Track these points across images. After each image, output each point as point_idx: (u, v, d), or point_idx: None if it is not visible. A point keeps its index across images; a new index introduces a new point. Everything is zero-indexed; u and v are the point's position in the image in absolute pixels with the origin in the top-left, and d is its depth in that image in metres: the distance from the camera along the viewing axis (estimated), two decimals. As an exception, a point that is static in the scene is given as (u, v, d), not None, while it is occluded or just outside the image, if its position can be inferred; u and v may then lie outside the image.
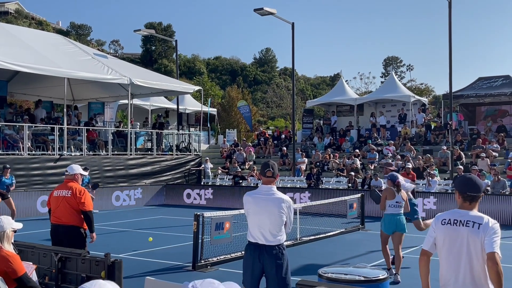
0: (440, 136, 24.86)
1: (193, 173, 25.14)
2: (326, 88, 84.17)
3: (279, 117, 67.45)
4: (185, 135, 27.02)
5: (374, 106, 30.04)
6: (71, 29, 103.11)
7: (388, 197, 8.97)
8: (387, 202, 8.98)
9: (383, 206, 9.03)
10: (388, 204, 8.97)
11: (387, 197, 8.98)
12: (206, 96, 44.46)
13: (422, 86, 70.75)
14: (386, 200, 8.98)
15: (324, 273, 5.22)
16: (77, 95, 26.23)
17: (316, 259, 10.60)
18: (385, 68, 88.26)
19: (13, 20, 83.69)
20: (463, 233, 3.95)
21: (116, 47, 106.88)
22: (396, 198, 8.99)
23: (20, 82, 23.31)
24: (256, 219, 5.64)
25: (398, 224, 8.94)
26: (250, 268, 5.66)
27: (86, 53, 23.56)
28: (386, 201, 8.99)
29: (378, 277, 5.12)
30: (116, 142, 23.02)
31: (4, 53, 18.59)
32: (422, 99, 31.60)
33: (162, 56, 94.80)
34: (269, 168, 5.64)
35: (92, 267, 5.66)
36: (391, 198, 8.95)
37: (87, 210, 7.42)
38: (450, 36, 20.37)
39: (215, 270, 9.57)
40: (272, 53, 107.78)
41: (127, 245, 12.25)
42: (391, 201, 8.96)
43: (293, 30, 23.24)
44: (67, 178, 7.63)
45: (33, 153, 19.03)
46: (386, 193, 9.02)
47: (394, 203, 8.97)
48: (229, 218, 10.26)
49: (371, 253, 11.41)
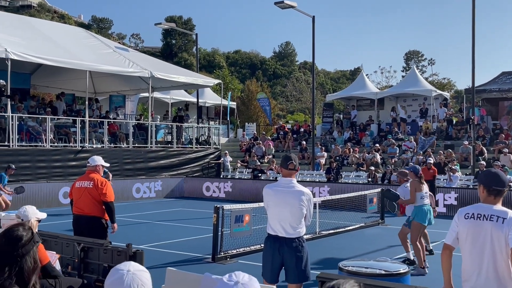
0: (462, 131, 24.56)
1: (212, 166, 25.23)
2: (346, 82, 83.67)
3: (299, 111, 67.24)
4: (205, 129, 27.11)
5: (395, 100, 29.78)
6: (92, 22, 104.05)
7: (417, 189, 8.91)
8: (418, 194, 8.90)
9: (414, 199, 8.94)
10: (419, 196, 8.90)
11: (416, 189, 8.91)
12: (225, 90, 44.50)
13: (444, 80, 69.95)
14: (416, 192, 8.91)
15: (344, 266, 5.21)
16: (99, 88, 26.48)
17: (335, 253, 10.58)
18: (406, 62, 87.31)
19: (36, 14, 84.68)
20: (486, 228, 3.90)
21: (137, 41, 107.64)
22: (424, 189, 8.97)
23: (43, 75, 23.62)
24: (276, 211, 5.64)
25: (430, 216, 8.95)
26: (269, 260, 5.67)
27: (107, 46, 23.77)
28: (416, 193, 8.90)
29: (399, 271, 5.09)
30: (137, 135, 23.20)
31: (28, 46, 18.84)
32: (443, 94, 31.22)
33: (182, 49, 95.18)
34: (291, 161, 5.64)
35: (114, 257, 5.73)
36: (420, 189, 8.90)
37: (108, 201, 7.50)
38: (473, 29, 20.06)
39: (234, 263, 9.61)
40: (292, 47, 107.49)
41: (147, 236, 12.36)
42: (421, 192, 8.91)
43: (313, 23, 23.10)
44: (89, 170, 7.71)
45: (55, 145, 19.27)
46: (415, 186, 8.94)
47: (424, 193, 8.94)
48: (248, 211, 10.28)
49: (391, 247, 11.34)
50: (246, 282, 2.14)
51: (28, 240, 2.79)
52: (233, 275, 2.17)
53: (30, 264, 2.74)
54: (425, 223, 8.98)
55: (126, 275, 2.21)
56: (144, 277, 2.26)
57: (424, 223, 8.98)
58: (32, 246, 2.79)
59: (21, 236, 2.78)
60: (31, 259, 2.76)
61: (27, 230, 2.84)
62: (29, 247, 2.77)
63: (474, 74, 20.51)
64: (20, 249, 2.73)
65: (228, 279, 2.16)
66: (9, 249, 2.72)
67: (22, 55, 17.90)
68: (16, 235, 2.78)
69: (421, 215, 8.93)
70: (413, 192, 8.96)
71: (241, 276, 2.17)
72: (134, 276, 2.22)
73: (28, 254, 2.75)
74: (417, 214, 8.97)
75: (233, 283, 2.12)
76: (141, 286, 2.21)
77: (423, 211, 8.91)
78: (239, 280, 2.14)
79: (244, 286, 2.12)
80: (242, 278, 2.15)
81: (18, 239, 2.76)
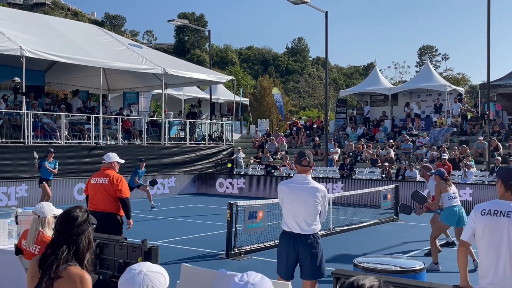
0: (477, 127, 24.33)
1: (226, 163, 25.26)
2: (359, 77, 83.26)
3: (311, 107, 67.04)
4: (218, 125, 27.14)
5: (408, 95, 29.57)
6: (105, 19, 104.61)
7: (442, 191, 8.84)
8: (445, 195, 8.83)
9: (438, 202, 8.91)
10: (446, 196, 8.82)
11: (441, 191, 8.85)
12: (238, 86, 44.52)
13: (458, 75, 69.33)
14: (441, 193, 8.85)
15: (359, 262, 5.19)
16: (112, 85, 26.61)
17: (350, 249, 10.55)
18: (420, 58, 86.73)
19: (49, 11, 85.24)
20: (503, 224, 3.86)
21: (150, 38, 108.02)
22: (452, 190, 8.90)
23: (57, 72, 23.78)
24: (290, 208, 5.63)
25: (461, 215, 8.83)
26: (284, 256, 5.66)
27: (121, 43, 23.87)
28: (441, 194, 8.85)
29: (414, 267, 5.06)
30: (150, 132, 23.29)
31: (42, 43, 18.98)
32: (458, 89, 30.94)
33: (195, 46, 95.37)
34: (305, 157, 5.61)
35: (129, 253, 5.75)
36: (446, 190, 8.83)
37: (124, 197, 7.54)
38: (489, 23, 19.83)
39: (248, 259, 9.62)
40: (305, 43, 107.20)
41: (162, 232, 12.42)
42: (448, 193, 8.83)
43: (326, 19, 23.00)
44: (104, 166, 7.75)
45: (69, 142, 19.41)
46: (440, 187, 8.88)
47: (451, 194, 8.86)
48: (262, 207, 10.28)
49: (406, 244, 11.30)
50: (256, 282, 2.15)
51: (84, 220, 2.99)
52: (244, 275, 2.18)
53: (85, 243, 2.96)
54: (452, 225, 8.93)
55: (138, 275, 2.25)
56: (157, 278, 2.27)
57: (450, 224, 8.95)
58: (87, 226, 3.00)
59: (77, 216, 2.99)
60: (86, 238, 2.98)
61: (83, 211, 3.05)
62: (84, 227, 2.98)
63: (489, 69, 20.29)
64: (76, 228, 2.94)
65: (239, 279, 2.17)
66: (66, 228, 2.94)
67: (37, 53, 18.04)
68: (73, 215, 2.99)
69: (449, 216, 8.86)
70: (438, 194, 8.88)
71: (252, 276, 2.18)
72: (146, 277, 2.25)
73: (83, 234, 2.96)
74: (446, 215, 8.91)
75: (243, 283, 2.14)
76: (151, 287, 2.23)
77: (452, 212, 8.84)
78: (250, 280, 2.15)
79: (254, 286, 2.13)
80: (253, 279, 2.16)
81: (74, 219, 2.97)
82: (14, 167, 17.21)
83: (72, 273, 2.79)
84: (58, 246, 2.89)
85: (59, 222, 3.01)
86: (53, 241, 2.97)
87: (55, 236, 2.99)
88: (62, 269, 2.80)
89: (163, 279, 2.29)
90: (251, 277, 2.16)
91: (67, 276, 2.77)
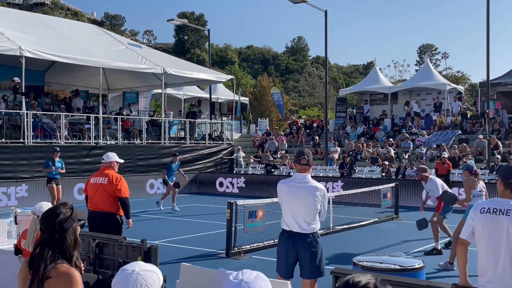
0: (477, 125, 24.32)
1: (226, 162, 25.27)
2: (359, 76, 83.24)
3: (311, 106, 67.02)
4: (218, 124, 27.14)
5: (408, 94, 29.56)
6: (105, 19, 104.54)
7: (472, 187, 8.75)
8: (472, 192, 8.75)
9: (469, 197, 8.77)
10: (473, 193, 8.74)
11: (470, 187, 8.75)
12: (237, 86, 44.53)
13: (458, 74, 69.30)
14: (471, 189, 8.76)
15: (358, 261, 5.19)
16: (112, 85, 26.60)
17: (349, 248, 10.55)
18: (420, 56, 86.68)
19: (49, 11, 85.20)
20: (502, 222, 3.85)
21: (149, 37, 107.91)
22: (479, 187, 8.83)
23: (57, 72, 23.77)
24: (290, 207, 5.63)
25: None
26: (284, 255, 5.66)
27: (120, 43, 23.87)
28: (471, 191, 8.75)
29: (414, 266, 5.06)
30: (150, 131, 23.29)
31: (41, 43, 18.98)
32: (458, 87, 30.93)
33: (194, 45, 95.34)
34: (304, 156, 5.61)
35: (128, 253, 5.76)
36: (474, 187, 8.75)
37: (123, 196, 7.54)
38: (488, 21, 19.82)
39: (248, 258, 9.62)
40: (304, 42, 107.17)
41: (162, 232, 12.42)
42: (475, 190, 8.75)
43: (326, 18, 23.00)
44: (103, 166, 7.75)
45: (69, 142, 19.42)
46: (469, 183, 8.78)
47: (478, 192, 8.77)
48: (262, 206, 10.28)
49: (406, 242, 11.30)
50: (251, 280, 2.13)
51: (67, 217, 2.91)
52: (239, 273, 2.16)
53: (70, 240, 2.88)
54: None
55: (131, 275, 2.24)
56: (150, 277, 2.26)
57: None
58: (70, 223, 2.91)
59: (59, 213, 2.91)
60: (71, 236, 2.89)
61: (67, 208, 2.97)
62: (67, 224, 2.89)
63: (489, 67, 20.27)
64: (58, 225, 2.87)
65: (234, 277, 2.15)
66: (49, 226, 2.87)
67: (36, 53, 18.04)
68: (55, 213, 2.92)
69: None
70: (468, 190, 8.78)
71: (247, 274, 2.16)
72: (139, 276, 2.24)
73: (67, 231, 2.88)
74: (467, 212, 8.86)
75: (237, 281, 2.12)
76: (145, 286, 2.22)
77: None
78: (244, 278, 2.13)
79: (248, 284, 2.11)
80: (248, 277, 2.14)
81: (56, 216, 2.90)
82: (14, 167, 17.22)
83: (60, 271, 2.76)
84: (44, 245, 2.85)
85: (42, 220, 2.94)
86: (40, 240, 2.91)
87: (41, 235, 2.93)
88: (50, 268, 2.76)
89: (156, 277, 2.28)
90: (245, 275, 2.14)
91: (55, 275, 2.74)
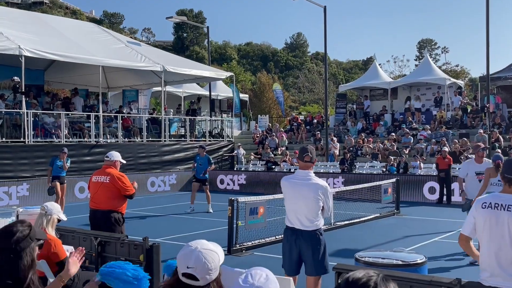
0: (477, 120, 24.31)
1: (226, 159, 25.27)
2: (359, 72, 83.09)
3: (311, 102, 66.98)
4: (218, 121, 27.13)
5: (408, 89, 29.54)
6: (104, 17, 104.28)
7: (492, 175, 8.65)
8: (490, 180, 8.63)
9: (486, 185, 8.64)
10: (491, 182, 8.63)
11: (490, 175, 8.65)
12: (236, 83, 44.49)
13: (457, 68, 69.21)
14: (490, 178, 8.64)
15: (361, 257, 5.18)
16: (112, 83, 26.59)
17: (351, 244, 10.55)
18: (420, 51, 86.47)
19: (48, 10, 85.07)
20: (504, 217, 3.86)
21: (148, 35, 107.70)
22: (499, 176, 8.75)
23: (56, 71, 23.77)
24: (292, 204, 5.64)
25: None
26: (288, 252, 5.68)
27: (119, 41, 23.85)
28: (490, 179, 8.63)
29: (416, 261, 5.06)
30: (150, 129, 23.29)
31: (41, 42, 18.96)
32: (458, 82, 30.90)
33: (193, 43, 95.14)
34: (307, 153, 5.60)
35: (130, 251, 5.77)
36: (494, 175, 8.62)
37: (132, 193, 7.58)
38: (488, 15, 19.77)
39: (250, 255, 9.63)
40: (304, 38, 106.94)
41: (163, 229, 12.43)
42: (494, 179, 8.62)
43: (325, 13, 22.97)
44: (106, 164, 7.73)
45: (70, 140, 19.41)
46: (490, 171, 8.68)
47: (497, 181, 8.65)
48: (263, 203, 10.29)
49: (407, 237, 11.30)
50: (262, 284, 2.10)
51: (24, 236, 2.69)
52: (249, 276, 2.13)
53: (26, 262, 2.66)
54: None
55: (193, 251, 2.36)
56: (210, 256, 2.37)
57: None
58: (28, 243, 2.69)
59: (16, 231, 2.69)
60: (27, 256, 2.67)
61: (24, 226, 2.74)
62: (25, 244, 2.68)
63: (489, 61, 20.23)
64: (14, 245, 2.65)
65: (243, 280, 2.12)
66: (4, 244, 2.65)
67: (36, 52, 18.02)
68: (11, 231, 2.69)
69: None
70: (488, 177, 8.66)
71: (257, 277, 2.12)
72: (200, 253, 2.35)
73: (23, 251, 2.66)
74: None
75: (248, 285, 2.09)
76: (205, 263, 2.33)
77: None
78: (255, 282, 2.10)
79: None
80: (258, 280, 2.11)
81: (11, 234, 2.67)
82: (15, 166, 17.23)
83: None
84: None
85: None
86: None
87: None
88: None
89: (217, 256, 2.39)
90: (256, 278, 2.10)
91: None
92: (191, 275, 2.34)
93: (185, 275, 2.35)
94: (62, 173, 14.92)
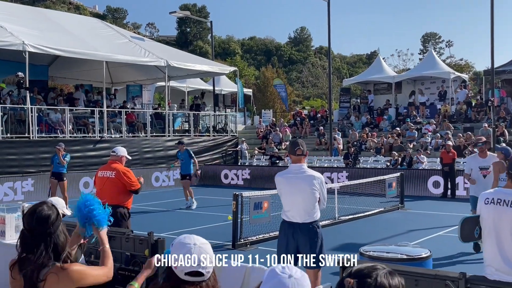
0: (481, 113, 24.24)
1: (230, 154, 25.29)
2: (363, 66, 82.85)
3: (315, 96, 66.85)
4: (222, 116, 27.14)
5: (412, 83, 29.47)
6: (107, 13, 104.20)
7: (501, 170, 8.51)
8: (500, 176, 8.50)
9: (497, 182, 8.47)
10: (500, 177, 8.50)
11: (500, 170, 8.51)
12: (239, 77, 44.46)
13: (462, 62, 68.95)
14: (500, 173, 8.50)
15: (365, 251, 5.20)
16: (115, 78, 26.61)
17: (355, 238, 10.56)
18: (424, 45, 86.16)
19: (51, 6, 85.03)
20: (507, 213, 3.86)
21: (152, 30, 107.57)
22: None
23: (60, 66, 23.80)
24: (289, 198, 5.67)
25: None
26: (284, 246, 5.71)
27: (123, 36, 23.85)
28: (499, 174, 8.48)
29: (420, 255, 5.07)
30: (154, 124, 23.30)
31: (45, 38, 18.98)
32: (462, 76, 30.81)
33: (197, 37, 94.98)
34: (298, 147, 5.66)
35: (136, 246, 5.78)
36: (503, 170, 8.50)
37: (137, 189, 7.60)
38: (492, 8, 19.68)
39: (255, 249, 9.66)
40: (307, 32, 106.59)
41: (168, 224, 12.47)
42: (503, 174, 8.51)
43: (328, 7, 22.91)
44: (112, 159, 7.74)
45: (74, 136, 19.46)
46: (499, 166, 8.55)
47: (504, 176, 8.69)
48: (267, 197, 10.31)
49: (411, 232, 11.31)
50: (299, 277, 2.05)
51: (56, 217, 2.95)
52: (286, 268, 2.07)
53: (63, 238, 2.94)
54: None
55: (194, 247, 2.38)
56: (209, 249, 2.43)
57: None
58: (60, 221, 2.97)
59: (49, 214, 2.93)
60: (62, 234, 2.95)
61: (51, 207, 2.98)
62: (58, 223, 2.94)
63: (493, 55, 20.15)
64: (51, 226, 2.90)
65: (281, 270, 2.05)
66: (41, 229, 2.88)
67: (40, 47, 18.04)
68: (45, 215, 2.92)
69: None
70: (497, 172, 8.51)
71: (294, 270, 2.07)
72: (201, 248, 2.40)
73: (58, 230, 2.93)
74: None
75: (287, 276, 2.03)
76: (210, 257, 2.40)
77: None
78: (293, 274, 2.04)
79: (298, 281, 2.03)
80: (295, 273, 2.06)
81: (47, 218, 2.91)
82: (20, 161, 17.29)
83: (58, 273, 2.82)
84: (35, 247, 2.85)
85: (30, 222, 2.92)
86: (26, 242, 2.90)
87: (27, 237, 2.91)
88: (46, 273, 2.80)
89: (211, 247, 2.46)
90: (292, 271, 2.06)
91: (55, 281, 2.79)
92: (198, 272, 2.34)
93: (191, 273, 2.35)
94: (62, 169, 14.65)
